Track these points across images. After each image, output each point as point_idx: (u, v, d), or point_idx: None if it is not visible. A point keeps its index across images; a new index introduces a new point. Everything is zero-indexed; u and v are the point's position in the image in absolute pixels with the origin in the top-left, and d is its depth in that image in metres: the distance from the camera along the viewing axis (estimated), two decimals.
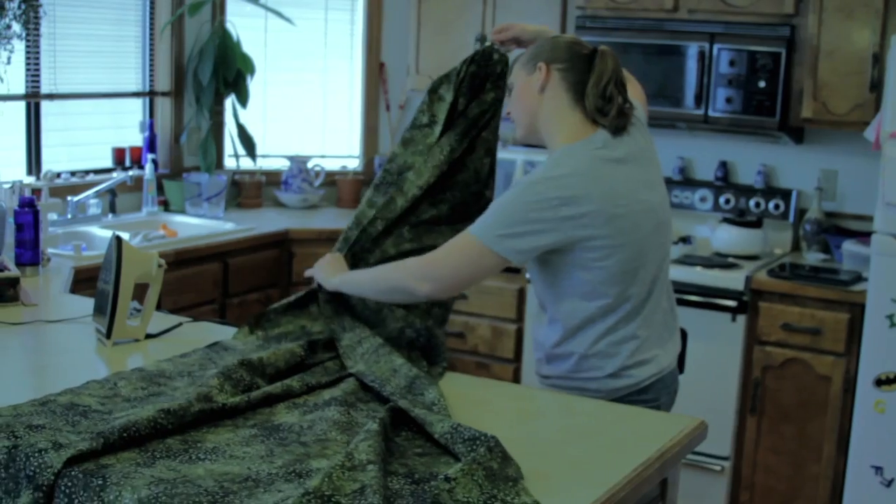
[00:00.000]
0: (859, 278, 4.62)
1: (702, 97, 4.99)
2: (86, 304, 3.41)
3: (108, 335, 3.03)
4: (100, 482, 2.05)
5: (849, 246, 4.81)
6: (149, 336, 3.13)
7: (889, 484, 4.24)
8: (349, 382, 2.67)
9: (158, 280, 3.15)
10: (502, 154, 5.38)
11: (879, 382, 4.21)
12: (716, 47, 4.95)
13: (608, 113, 2.82)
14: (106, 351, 3.02)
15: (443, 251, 2.84)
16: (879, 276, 4.20)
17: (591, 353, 2.86)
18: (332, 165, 6.25)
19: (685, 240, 5.20)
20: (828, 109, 4.79)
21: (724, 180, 5.38)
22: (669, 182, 5.49)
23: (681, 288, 4.73)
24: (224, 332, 3.24)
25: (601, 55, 2.85)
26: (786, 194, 5.23)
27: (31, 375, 2.92)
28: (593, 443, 2.49)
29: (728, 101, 4.95)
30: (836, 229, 5.11)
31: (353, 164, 6.35)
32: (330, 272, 3.08)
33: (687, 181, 5.46)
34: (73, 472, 2.08)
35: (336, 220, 5.69)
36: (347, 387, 2.64)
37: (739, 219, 5.17)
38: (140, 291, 3.10)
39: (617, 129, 2.83)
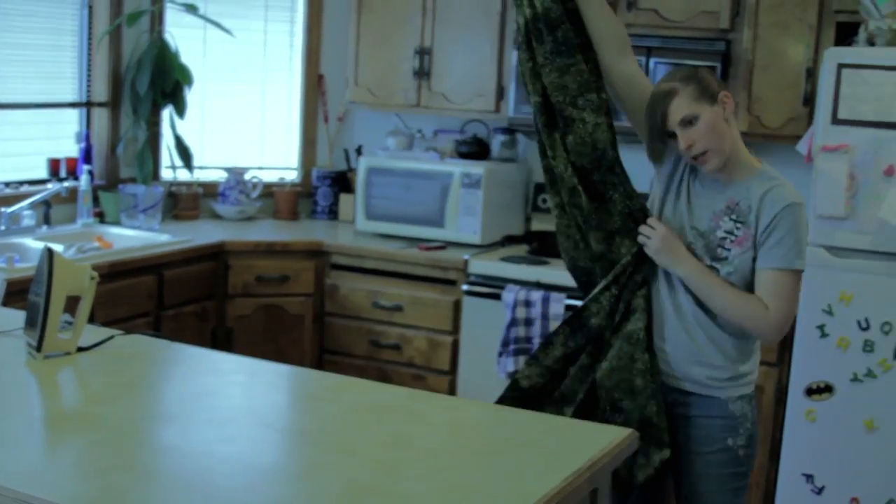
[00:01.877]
0: None
1: None
2: (17, 316, 3.37)
3: (39, 348, 3.00)
4: None
5: None
6: (80, 349, 3.10)
7: (820, 491, 4.28)
8: None
9: (91, 292, 3.13)
10: (439, 166, 5.42)
11: (810, 392, 4.26)
12: (653, 61, 4.99)
13: None
14: (36, 364, 2.99)
15: (787, 301, 3.10)
16: (811, 288, 4.24)
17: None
18: (270, 177, 6.23)
19: None
20: (762, 123, 4.86)
21: None
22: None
23: None
24: (158, 346, 3.22)
25: None
26: None
27: None
28: (524, 454, 2.50)
29: None
30: None
31: (291, 175, 6.33)
32: (675, 255, 3.13)
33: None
34: None
35: (273, 232, 5.69)
36: None
37: None
38: (72, 304, 3.08)
39: None
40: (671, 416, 3.19)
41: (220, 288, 5.34)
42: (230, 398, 2.88)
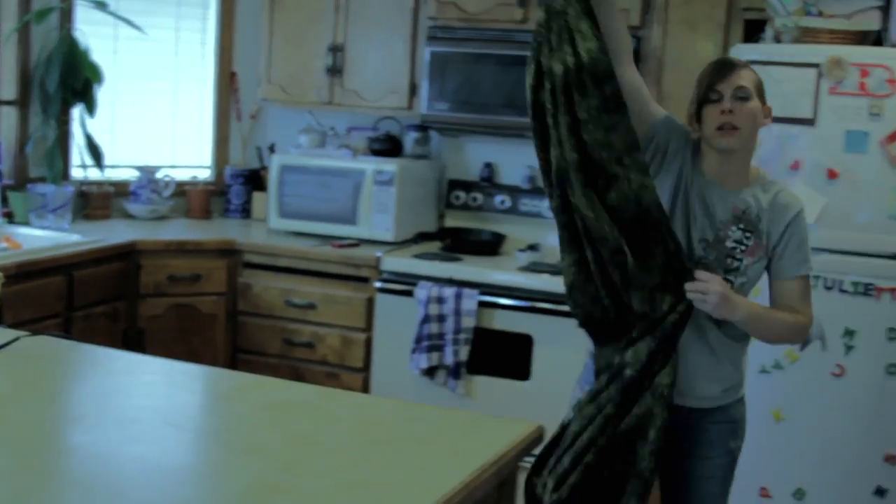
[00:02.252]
0: None
1: None
2: None
3: None
4: None
5: None
6: None
7: None
8: None
9: None
10: (352, 164, 5.43)
11: None
12: None
13: None
14: None
15: (808, 303, 3.18)
16: None
17: None
18: (183, 176, 6.20)
19: (533, 247, 5.31)
20: None
21: None
22: (518, 190, 5.60)
23: (529, 295, 4.85)
24: (65, 347, 3.20)
25: None
26: None
27: None
28: (432, 449, 2.52)
29: None
30: None
31: (204, 174, 6.32)
32: (733, 306, 3.01)
33: (535, 190, 5.57)
34: None
35: (185, 230, 5.67)
36: None
37: None
38: None
39: None
40: (679, 428, 3.16)
41: (131, 288, 5.29)
42: (138, 398, 2.86)
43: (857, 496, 4.33)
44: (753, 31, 4.73)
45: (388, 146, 5.73)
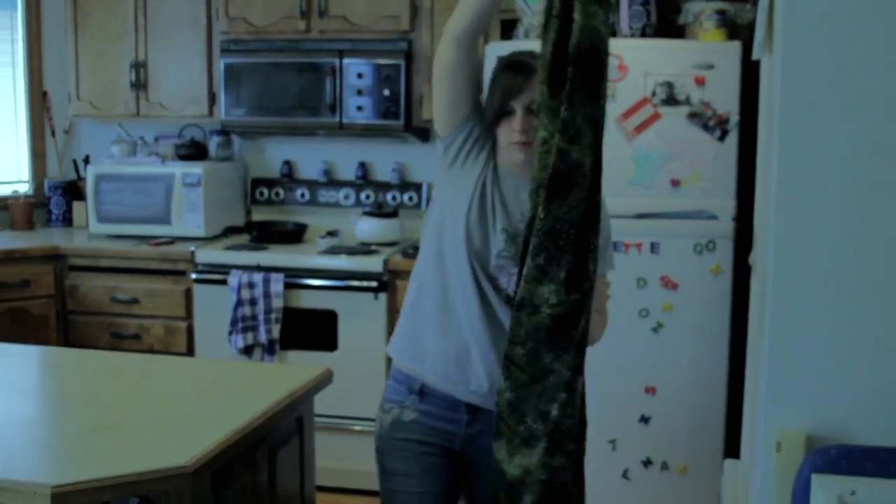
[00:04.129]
0: None
1: (335, 107, 5.65)
2: None
3: None
4: None
5: None
6: None
7: None
8: None
9: None
10: (162, 169, 5.89)
11: None
12: (345, 62, 5.62)
13: None
14: None
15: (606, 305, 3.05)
16: None
17: None
18: (4, 191, 6.55)
19: (332, 233, 5.82)
20: None
21: (364, 178, 6.09)
22: (316, 184, 6.16)
23: (331, 275, 5.42)
24: None
25: None
26: (418, 187, 5.98)
27: None
28: (240, 391, 3.11)
29: (359, 108, 5.63)
30: None
31: (24, 188, 6.66)
32: None
33: (331, 182, 6.16)
34: None
35: (10, 241, 6.01)
36: None
37: (378, 211, 5.87)
38: None
39: None
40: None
41: None
42: None
43: (626, 424, 4.88)
44: (510, 29, 5.32)
45: (194, 151, 6.21)
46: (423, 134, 5.87)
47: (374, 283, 5.35)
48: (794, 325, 2.34)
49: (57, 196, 6.53)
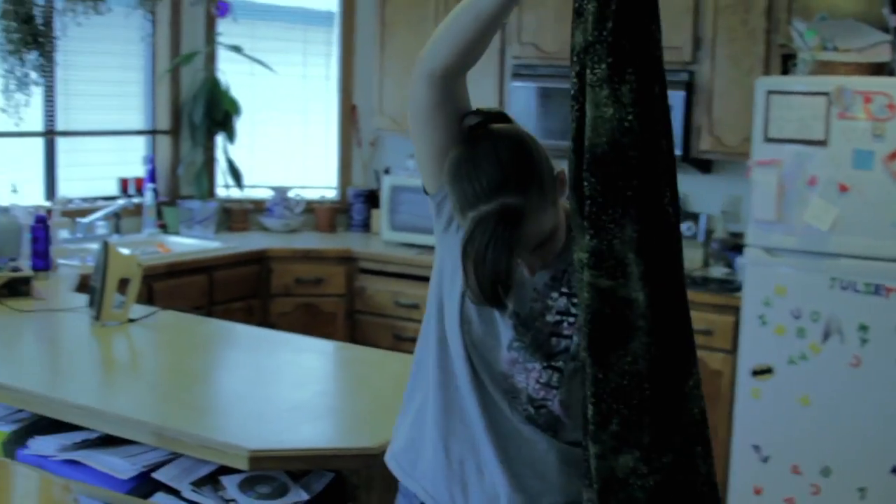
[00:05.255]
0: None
1: None
2: (84, 300, 4.25)
3: (98, 317, 3.88)
4: None
5: (741, 260, 5.57)
6: (130, 320, 3.98)
7: (766, 460, 4.93)
8: None
9: (138, 276, 4.00)
10: None
11: (755, 373, 4.94)
12: None
13: None
14: (97, 329, 3.88)
15: None
16: (752, 283, 4.96)
17: None
18: (312, 195, 7.03)
19: None
20: (721, 143, 5.56)
21: None
22: None
23: None
24: (191, 320, 4.10)
25: None
26: (695, 217, 6.04)
27: (38, 345, 3.86)
28: None
29: None
30: (741, 247, 5.82)
31: (331, 193, 7.12)
32: None
33: None
34: None
35: (313, 241, 6.46)
36: None
37: None
38: (124, 288, 3.96)
39: None
40: None
41: (263, 288, 6.12)
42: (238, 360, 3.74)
43: (877, 473, 4.76)
44: (786, 62, 5.35)
45: None
46: (704, 165, 5.91)
47: None
48: None
49: (359, 203, 6.93)
